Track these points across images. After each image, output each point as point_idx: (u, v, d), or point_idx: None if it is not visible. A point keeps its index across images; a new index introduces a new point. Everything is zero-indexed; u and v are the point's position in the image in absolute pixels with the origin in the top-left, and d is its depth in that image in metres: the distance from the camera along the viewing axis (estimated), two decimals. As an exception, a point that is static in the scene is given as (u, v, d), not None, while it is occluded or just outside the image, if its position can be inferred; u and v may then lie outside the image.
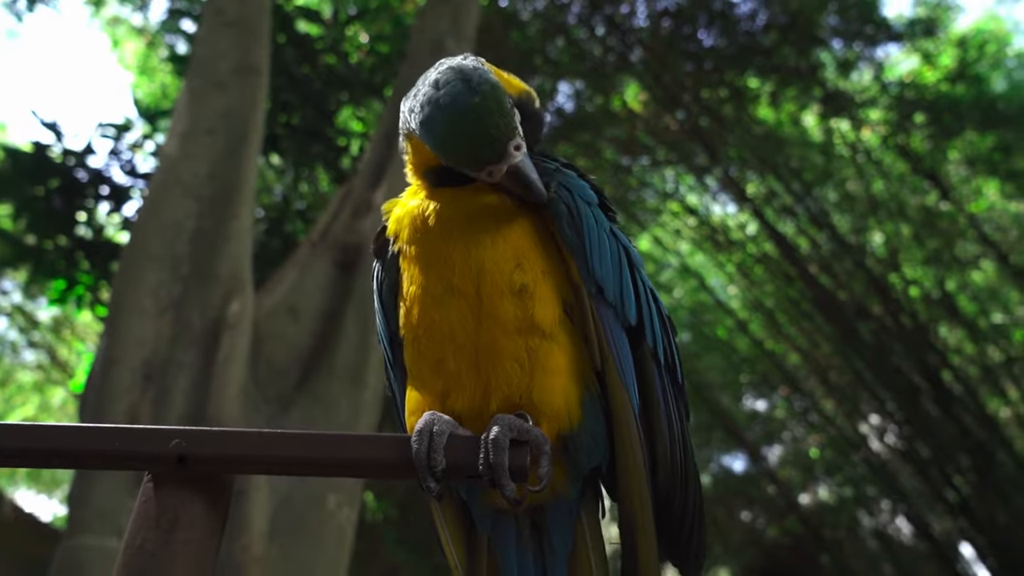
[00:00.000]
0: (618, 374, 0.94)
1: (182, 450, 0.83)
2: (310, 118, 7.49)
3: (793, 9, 8.95)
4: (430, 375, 0.96)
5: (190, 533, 0.82)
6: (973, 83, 8.67)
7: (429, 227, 0.99)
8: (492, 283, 0.94)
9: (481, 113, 0.91)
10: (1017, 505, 9.05)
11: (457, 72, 0.94)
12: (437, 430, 0.86)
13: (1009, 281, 9.71)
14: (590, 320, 0.96)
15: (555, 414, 0.92)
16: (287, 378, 3.93)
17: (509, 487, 0.83)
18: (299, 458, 0.84)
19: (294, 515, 3.44)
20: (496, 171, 0.94)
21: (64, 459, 0.86)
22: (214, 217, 4.05)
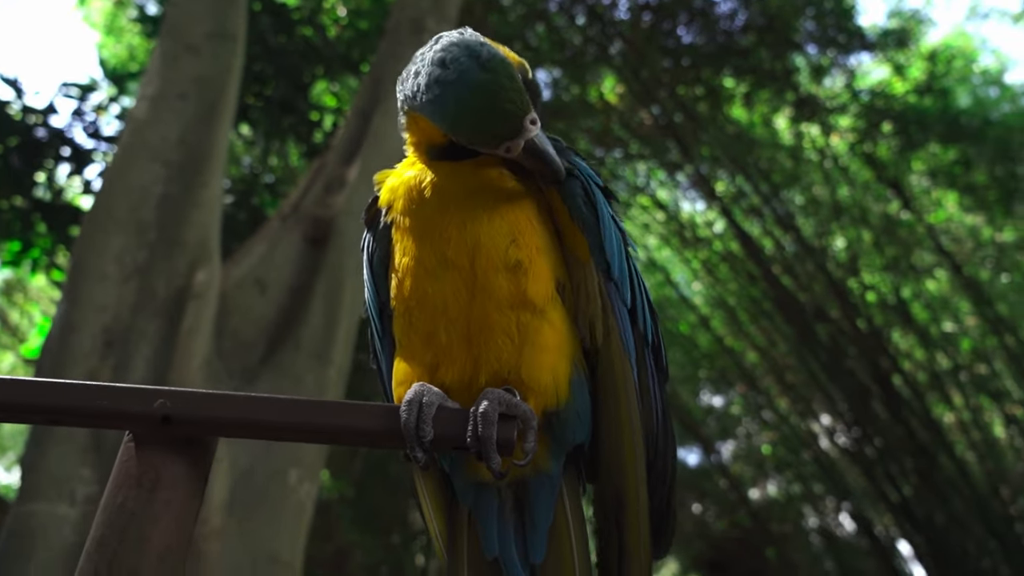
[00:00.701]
0: (622, 347, 0.96)
1: (167, 410, 0.82)
2: (283, 90, 7.36)
3: (772, 12, 9.05)
4: (420, 347, 0.97)
5: (172, 494, 0.82)
6: (940, 97, 8.89)
7: (425, 199, 0.99)
8: (487, 257, 0.95)
9: (495, 89, 0.90)
10: (954, 507, 9.38)
11: (464, 48, 0.93)
12: (426, 401, 0.87)
13: (961, 291, 10.00)
14: (596, 296, 0.97)
15: (543, 390, 0.93)
16: (252, 351, 3.88)
17: (496, 460, 0.84)
18: (287, 423, 0.84)
19: (255, 489, 3.41)
20: (514, 147, 0.93)
21: (44, 415, 0.84)
22: (183, 184, 3.97)
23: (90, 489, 3.09)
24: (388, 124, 5.09)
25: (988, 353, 10.08)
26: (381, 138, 4.99)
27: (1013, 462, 10.33)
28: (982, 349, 10.10)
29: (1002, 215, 9.45)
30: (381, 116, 5.08)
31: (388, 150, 5.01)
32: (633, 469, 0.94)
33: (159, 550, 0.78)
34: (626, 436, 0.94)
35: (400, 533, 9.62)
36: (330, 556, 7.53)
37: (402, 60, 5.21)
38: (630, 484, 0.94)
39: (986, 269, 9.90)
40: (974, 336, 10.22)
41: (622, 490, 0.94)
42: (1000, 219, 9.46)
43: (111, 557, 0.76)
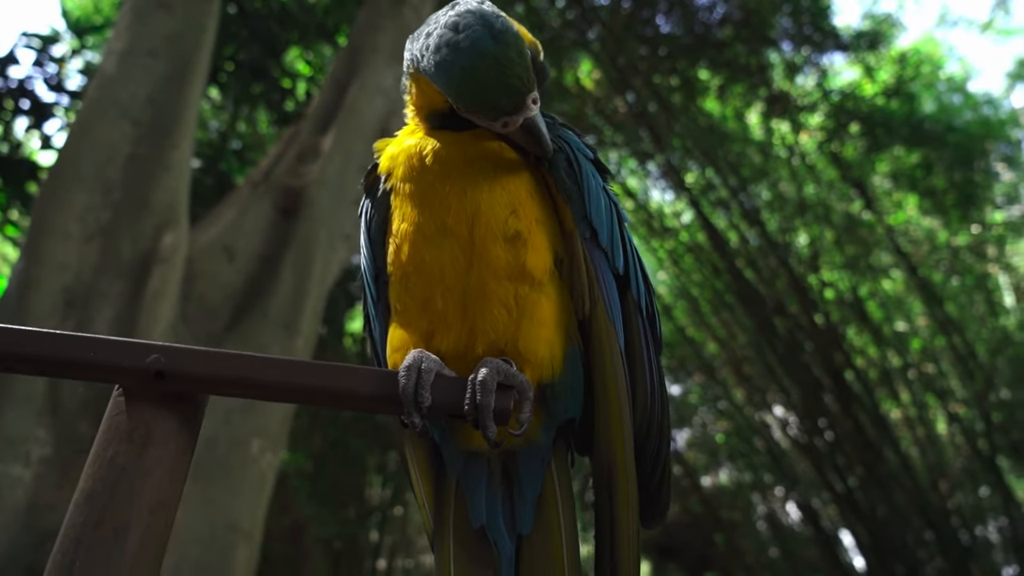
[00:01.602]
0: (607, 315, 0.97)
1: (161, 365, 0.81)
2: (256, 55, 7.20)
3: (749, 7, 9.13)
4: (416, 314, 0.97)
5: (163, 450, 0.81)
6: (906, 101, 9.08)
7: (426, 166, 0.99)
8: (486, 227, 0.95)
9: (503, 62, 0.90)
10: (896, 500, 9.71)
11: (478, 16, 0.92)
12: (425, 367, 0.87)
13: (914, 292, 10.29)
14: (581, 265, 0.98)
15: (539, 362, 0.94)
16: (218, 318, 3.82)
17: (492, 428, 0.84)
18: (283, 383, 0.83)
19: (216, 457, 3.37)
20: (512, 123, 0.94)
21: (33, 365, 0.82)
22: (152, 144, 3.87)
23: (45, 451, 3.03)
24: (364, 96, 5.02)
25: (936, 353, 10.41)
26: (356, 110, 4.93)
27: (953, 458, 10.71)
28: (931, 349, 10.42)
29: (958, 220, 9.73)
30: (358, 87, 5.01)
31: (363, 122, 4.95)
32: (621, 441, 0.95)
33: (150, 504, 0.77)
34: (613, 407, 0.95)
35: (356, 508, 9.61)
36: (286, 529, 7.49)
37: (381, 31, 5.13)
38: (619, 456, 0.95)
39: (939, 272, 10.19)
40: (924, 336, 10.54)
41: (612, 463, 0.95)
42: (956, 224, 9.74)
43: (101, 510, 0.75)
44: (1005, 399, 9.52)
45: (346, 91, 5.01)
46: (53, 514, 2.99)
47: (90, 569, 0.72)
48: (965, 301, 10.12)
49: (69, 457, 3.07)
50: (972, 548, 9.55)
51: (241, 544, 3.33)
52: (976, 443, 9.75)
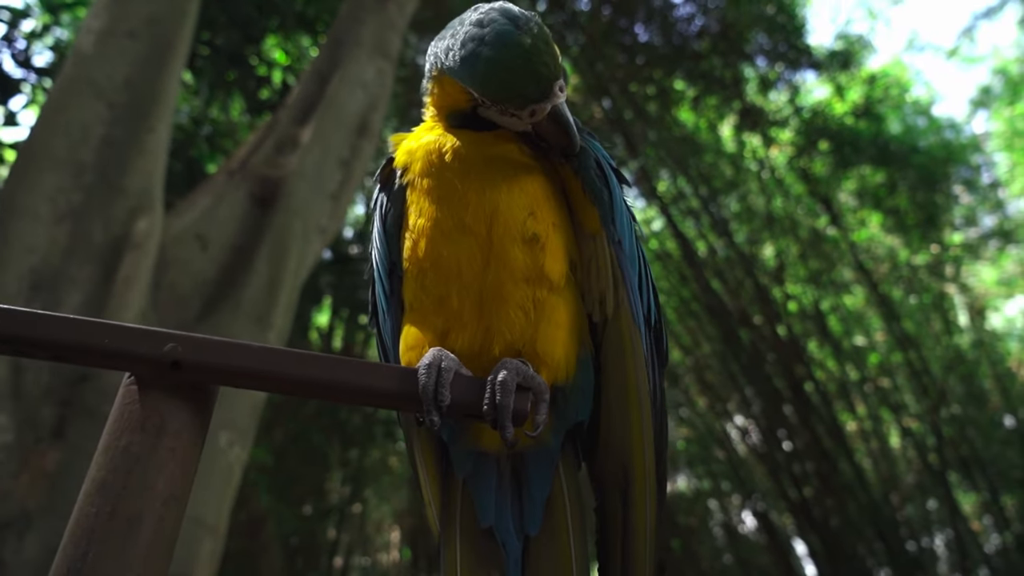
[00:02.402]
0: (632, 318, 0.98)
1: (178, 355, 0.79)
2: (234, 40, 7.08)
3: (727, 21, 9.27)
4: (432, 311, 0.96)
5: (176, 441, 0.79)
6: (874, 121, 9.30)
7: (446, 163, 0.98)
8: (505, 227, 0.95)
9: (529, 50, 0.90)
10: (850, 510, 9.94)
11: (503, 12, 0.93)
12: (445, 366, 0.87)
13: (874, 308, 10.54)
14: (606, 268, 0.98)
15: (555, 365, 0.94)
16: (188, 307, 3.75)
17: (510, 429, 0.84)
18: (301, 377, 0.82)
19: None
20: (539, 110, 0.93)
21: (47, 350, 0.80)
22: (127, 127, 3.78)
23: (6, 437, 2.94)
24: (345, 89, 4.97)
25: (892, 368, 10.67)
26: (337, 102, 4.88)
27: (904, 471, 11.00)
28: (887, 364, 10.68)
29: (919, 239, 9.99)
30: (339, 80, 4.96)
31: (343, 115, 4.91)
32: (641, 444, 0.96)
33: (163, 497, 0.76)
34: (634, 410, 0.96)
35: (315, 505, 9.51)
36: (243, 523, 7.37)
37: (364, 25, 5.09)
38: (637, 460, 0.96)
39: (899, 289, 10.45)
40: (882, 351, 10.80)
41: (629, 466, 0.96)
42: (917, 243, 10.00)
43: (115, 500, 0.73)
44: (956, 415, 9.80)
45: (327, 83, 4.96)
46: (10, 502, 2.91)
47: (104, 561, 0.70)
48: (922, 319, 10.40)
49: (30, 444, 2.98)
50: (919, 559, 9.81)
51: (206, 539, 3.27)
52: (927, 457, 10.02)
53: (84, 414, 3.03)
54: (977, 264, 10.88)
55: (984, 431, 10.27)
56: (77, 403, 3.04)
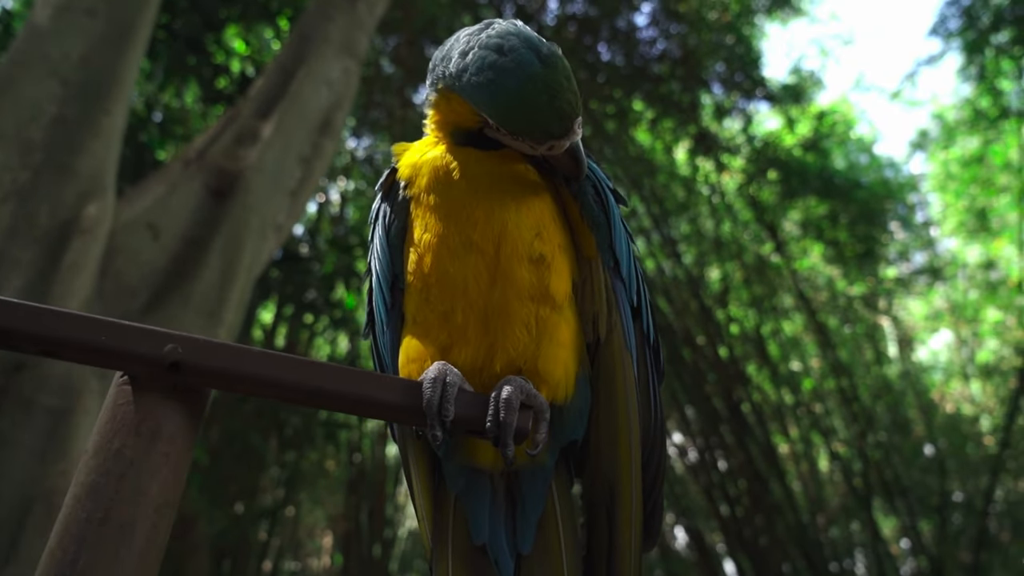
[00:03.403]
0: (624, 343, 0.99)
1: (178, 356, 0.77)
2: (193, 26, 6.90)
3: (688, 47, 9.49)
4: (435, 326, 0.96)
5: (170, 446, 0.77)
6: (821, 155, 9.63)
7: (453, 180, 0.98)
8: (512, 246, 0.95)
9: (553, 87, 0.89)
10: (778, 530, 10.21)
11: (524, 40, 0.91)
12: (449, 380, 0.86)
13: (811, 335, 10.89)
14: (601, 292, 0.99)
15: (554, 384, 0.95)
16: (135, 298, 3.62)
17: (512, 447, 0.85)
18: (305, 385, 0.81)
19: (121, 444, 3.17)
20: (558, 146, 0.93)
21: (38, 344, 0.76)
22: (81, 107, 3.64)
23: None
24: (310, 85, 4.90)
25: (825, 394, 11.03)
26: (301, 98, 4.80)
27: (831, 495, 11.37)
28: (820, 389, 11.04)
29: (856, 271, 10.38)
30: (304, 75, 4.88)
31: (306, 111, 4.83)
32: (628, 465, 0.97)
33: (156, 503, 0.73)
34: (623, 432, 0.97)
35: (247, 506, 9.26)
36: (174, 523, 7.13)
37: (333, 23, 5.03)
38: (624, 480, 0.97)
39: (835, 318, 10.82)
40: (816, 377, 11.15)
41: (615, 486, 0.97)
42: (854, 274, 10.38)
43: (107, 505, 0.70)
44: (882, 441, 10.18)
45: (292, 78, 4.88)
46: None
47: (95, 568, 0.67)
48: (855, 348, 10.79)
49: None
50: (841, 579, 10.13)
51: (140, 538, 3.15)
52: (853, 481, 10.38)
53: (20, 405, 2.89)
54: (908, 298, 11.36)
55: (906, 458, 10.70)
56: (14, 392, 2.90)
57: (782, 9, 9.52)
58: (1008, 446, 8.83)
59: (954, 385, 11.05)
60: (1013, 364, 9.78)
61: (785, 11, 9.67)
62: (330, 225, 10.74)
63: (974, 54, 9.67)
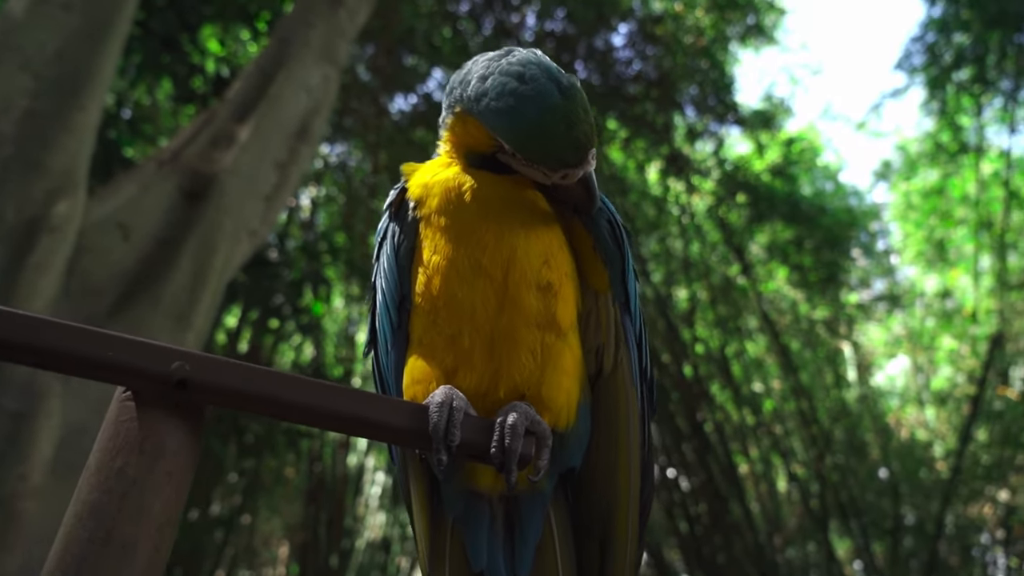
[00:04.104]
0: (630, 376, 1.00)
1: (185, 374, 0.76)
2: (169, 25, 6.81)
3: (663, 69, 9.64)
4: (441, 348, 0.96)
5: (173, 464, 0.76)
6: (789, 180, 9.85)
7: (464, 203, 0.98)
8: (521, 273, 0.96)
9: (572, 117, 0.91)
10: (736, 549, 10.32)
11: (544, 69, 0.93)
12: (456, 405, 0.86)
13: (774, 357, 11.08)
14: (609, 324, 1.00)
15: (557, 411, 0.96)
16: (102, 299, 3.54)
17: (515, 473, 0.85)
18: (314, 407, 0.80)
19: (83, 450, 3.09)
20: (572, 175, 0.94)
21: (37, 357, 0.74)
22: (55, 102, 3.56)
23: None
24: (289, 90, 4.87)
25: (785, 415, 11.21)
26: (279, 103, 4.77)
27: (788, 515, 11.53)
28: (781, 411, 11.22)
29: (819, 296, 10.59)
30: (283, 80, 4.85)
31: (284, 116, 4.80)
32: (626, 498, 0.98)
33: (159, 522, 0.72)
34: (622, 465, 0.98)
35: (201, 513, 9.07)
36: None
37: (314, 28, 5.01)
38: (620, 513, 0.98)
39: (797, 341, 11.02)
40: (776, 399, 11.34)
41: (611, 517, 0.98)
42: (817, 299, 10.59)
43: (109, 524, 0.69)
44: (839, 464, 10.37)
45: (271, 82, 4.84)
46: None
47: (96, 590, 0.66)
48: (815, 371, 10.99)
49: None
50: (796, 599, 10.27)
51: (98, 547, 3.06)
52: (810, 503, 10.55)
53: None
54: (868, 324, 11.62)
55: (862, 481, 10.91)
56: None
57: (755, 37, 9.73)
58: (959, 472, 9.07)
59: (909, 410, 11.33)
60: (966, 392, 10.06)
61: (758, 39, 9.88)
62: (300, 231, 10.63)
63: (936, 90, 10.00)
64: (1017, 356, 10.10)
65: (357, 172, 11.50)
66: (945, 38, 9.71)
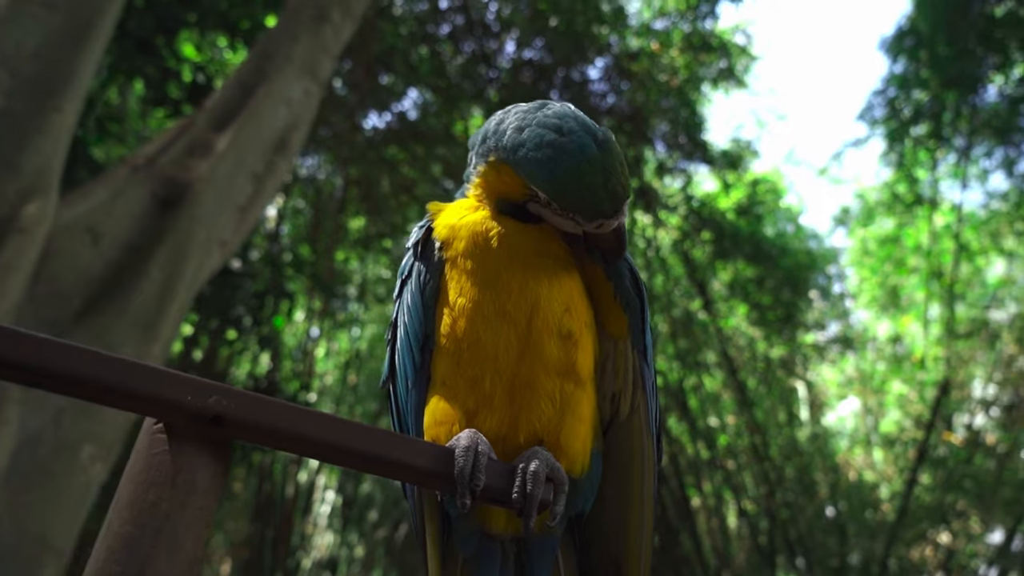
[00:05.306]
0: (647, 424, 1.02)
1: (222, 410, 0.76)
2: (146, 25, 6.71)
3: (637, 105, 9.84)
4: (463, 390, 0.97)
5: (204, 500, 0.75)
6: (753, 220, 10.09)
7: (491, 247, 1.00)
8: (544, 320, 0.98)
9: (609, 169, 0.94)
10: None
11: (581, 123, 0.96)
12: (481, 450, 0.88)
13: (730, 392, 11.26)
14: (627, 372, 1.02)
15: (573, 457, 0.97)
16: (67, 304, 3.44)
17: (535, 518, 0.86)
18: (344, 447, 0.81)
19: (38, 460, 3.00)
20: (606, 225, 0.97)
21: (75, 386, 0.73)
22: (30, 101, 3.48)
23: None
24: (269, 103, 4.84)
25: (738, 451, 11.38)
26: (258, 115, 4.73)
27: (737, 550, 11.66)
28: (735, 446, 11.38)
29: (776, 335, 10.83)
30: (264, 93, 4.82)
31: (263, 129, 4.76)
32: (639, 545, 1.00)
33: (190, 559, 0.71)
34: (635, 511, 1.00)
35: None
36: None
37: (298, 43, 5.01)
38: (633, 561, 0.99)
39: (754, 378, 11.23)
40: (731, 434, 11.50)
41: (623, 565, 0.99)
42: (774, 338, 10.82)
43: (143, 561, 0.68)
44: (789, 501, 10.54)
45: (252, 94, 4.81)
46: None
47: (130, 628, 0.65)
48: (770, 408, 11.19)
49: None
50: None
51: (49, 562, 2.95)
52: (758, 538, 10.69)
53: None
54: (822, 365, 11.90)
55: (809, 519, 11.10)
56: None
57: (727, 80, 10.00)
58: (904, 514, 9.29)
59: (858, 452, 11.59)
60: (913, 436, 10.35)
61: (729, 82, 10.15)
62: (264, 241, 10.49)
63: (895, 142, 10.40)
64: (961, 403, 10.45)
65: (326, 185, 11.43)
66: (905, 94, 10.12)
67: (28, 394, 3.00)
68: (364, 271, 12.38)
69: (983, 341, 10.47)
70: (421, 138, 10.42)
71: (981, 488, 9.52)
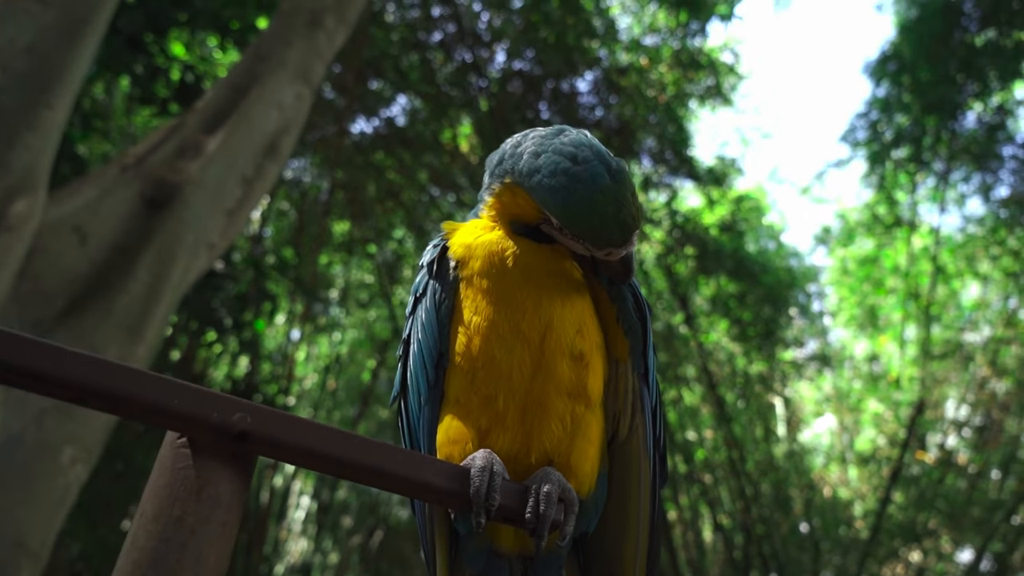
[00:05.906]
0: (645, 446, 1.04)
1: (247, 426, 0.76)
2: (136, 23, 6.67)
3: (624, 118, 9.92)
4: (477, 408, 0.98)
5: (228, 514, 0.76)
6: (736, 237, 10.19)
7: (506, 267, 1.02)
8: (556, 340, 0.99)
9: (620, 199, 0.96)
10: (658, 595, 10.43)
11: (596, 152, 0.98)
12: (496, 470, 0.89)
13: (709, 407, 11.34)
14: (627, 394, 1.04)
15: (582, 478, 0.99)
16: (51, 304, 3.40)
17: (546, 538, 0.88)
18: (362, 465, 0.81)
19: (17, 461, 2.95)
20: (616, 253, 0.99)
21: (103, 400, 0.73)
22: (21, 97, 3.45)
23: None
24: (260, 106, 4.83)
25: (715, 465, 11.45)
26: (250, 118, 4.72)
27: (712, 564, 11.71)
28: (712, 461, 11.45)
29: (756, 351, 10.93)
30: (256, 96, 4.81)
31: (254, 132, 4.75)
32: (633, 562, 1.02)
33: (215, 573, 0.72)
34: (631, 530, 1.02)
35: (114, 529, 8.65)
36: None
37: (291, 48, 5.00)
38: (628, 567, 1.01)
39: (732, 393, 11.32)
40: (708, 448, 11.57)
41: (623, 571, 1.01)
42: (754, 354, 10.92)
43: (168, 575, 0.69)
44: (764, 517, 10.62)
45: (243, 96, 4.79)
46: None
47: (157, 644, 0.65)
48: (747, 423, 11.28)
49: None
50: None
51: (24, 566, 2.90)
52: (733, 553, 10.75)
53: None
54: (799, 381, 12.03)
55: (784, 535, 11.19)
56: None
57: (714, 98, 10.11)
58: (877, 532, 9.40)
59: (833, 469, 11.71)
60: (887, 455, 10.49)
61: (716, 99, 10.27)
62: (248, 242, 10.42)
63: (876, 164, 10.57)
64: (935, 423, 10.61)
65: (312, 189, 11.38)
66: (887, 117, 10.30)
67: (10, 394, 2.96)
68: (347, 275, 12.33)
69: (957, 362, 10.64)
70: (408, 144, 10.42)
71: (952, 507, 9.66)
